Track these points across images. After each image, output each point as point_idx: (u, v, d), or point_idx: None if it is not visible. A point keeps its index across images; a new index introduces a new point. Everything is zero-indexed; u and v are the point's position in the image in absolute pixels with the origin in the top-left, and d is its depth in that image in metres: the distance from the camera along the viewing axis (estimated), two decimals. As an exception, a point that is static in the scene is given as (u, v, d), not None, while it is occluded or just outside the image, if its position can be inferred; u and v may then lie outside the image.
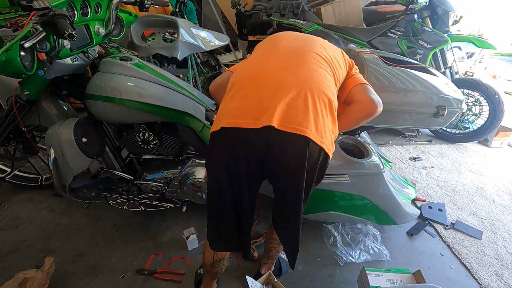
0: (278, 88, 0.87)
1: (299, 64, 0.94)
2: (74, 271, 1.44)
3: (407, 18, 2.74)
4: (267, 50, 1.04)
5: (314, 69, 0.94)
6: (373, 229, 1.68)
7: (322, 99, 0.89)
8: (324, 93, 0.90)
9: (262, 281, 1.33)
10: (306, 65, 0.94)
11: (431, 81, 1.39)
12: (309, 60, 0.96)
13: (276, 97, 0.86)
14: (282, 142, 0.83)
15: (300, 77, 0.90)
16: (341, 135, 1.57)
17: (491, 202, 2.09)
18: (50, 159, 1.33)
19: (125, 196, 1.59)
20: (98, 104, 1.31)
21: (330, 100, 0.90)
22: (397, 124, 1.43)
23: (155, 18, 2.33)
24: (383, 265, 1.56)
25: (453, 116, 1.43)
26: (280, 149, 0.84)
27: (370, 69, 1.34)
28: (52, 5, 1.00)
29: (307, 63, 0.95)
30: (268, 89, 0.88)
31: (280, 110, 0.84)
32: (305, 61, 0.96)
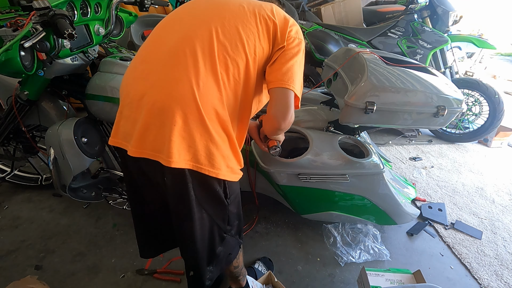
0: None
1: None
2: (74, 271, 1.44)
3: (407, 18, 2.74)
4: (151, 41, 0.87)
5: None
6: (373, 229, 1.68)
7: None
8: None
9: (262, 281, 1.34)
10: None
11: (431, 81, 1.39)
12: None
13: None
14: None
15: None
16: (341, 135, 1.57)
17: (491, 202, 2.09)
18: (50, 159, 1.33)
19: (125, 196, 1.59)
20: (98, 104, 1.32)
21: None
22: (397, 124, 1.43)
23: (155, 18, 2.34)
24: (383, 265, 1.56)
25: (453, 116, 1.43)
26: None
27: (370, 69, 1.34)
28: (52, 5, 1.00)
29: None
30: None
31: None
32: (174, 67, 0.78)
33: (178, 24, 0.85)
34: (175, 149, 0.73)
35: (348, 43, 2.80)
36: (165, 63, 0.78)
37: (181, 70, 0.76)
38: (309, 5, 3.47)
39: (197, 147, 0.76)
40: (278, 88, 0.85)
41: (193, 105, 0.74)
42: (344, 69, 1.50)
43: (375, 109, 1.30)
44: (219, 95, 0.78)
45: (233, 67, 0.80)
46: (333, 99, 1.70)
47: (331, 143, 1.47)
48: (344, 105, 1.36)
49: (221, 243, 0.97)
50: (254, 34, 0.83)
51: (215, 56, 0.78)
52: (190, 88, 0.74)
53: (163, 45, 0.81)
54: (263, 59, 0.87)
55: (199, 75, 0.75)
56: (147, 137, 0.76)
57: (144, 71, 0.81)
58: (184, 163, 0.75)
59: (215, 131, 0.78)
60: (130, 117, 0.80)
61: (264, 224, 1.77)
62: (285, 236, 1.70)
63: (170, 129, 0.73)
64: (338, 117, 1.45)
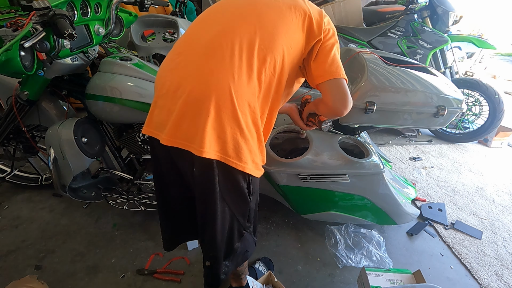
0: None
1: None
2: (74, 271, 1.44)
3: (407, 18, 2.75)
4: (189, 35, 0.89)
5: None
6: (377, 235, 1.66)
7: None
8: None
9: (262, 281, 1.34)
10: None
11: (431, 81, 1.39)
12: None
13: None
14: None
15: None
16: (341, 135, 1.57)
17: (491, 202, 2.09)
18: (50, 159, 1.33)
19: (125, 196, 1.59)
20: (98, 104, 1.31)
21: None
22: (397, 124, 1.43)
23: (155, 18, 2.33)
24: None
25: (453, 116, 1.43)
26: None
27: (370, 69, 1.34)
28: (52, 5, 1.00)
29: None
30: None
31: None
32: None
33: (216, 19, 0.87)
34: (207, 139, 0.75)
35: (348, 43, 2.80)
36: (201, 55, 0.79)
37: (218, 62, 0.77)
38: (309, 5, 3.46)
39: (227, 139, 0.77)
40: (331, 80, 0.87)
41: (228, 97, 0.75)
42: (344, 69, 1.50)
43: (375, 109, 1.30)
44: (253, 89, 0.79)
45: (270, 61, 0.81)
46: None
47: (331, 143, 1.47)
48: (344, 105, 1.35)
49: (240, 239, 0.98)
50: (291, 29, 0.84)
51: (251, 50, 0.79)
52: (225, 80, 0.75)
53: (200, 39, 0.83)
54: (298, 53, 0.88)
55: (234, 68, 0.76)
56: (181, 126, 0.77)
57: (180, 63, 0.82)
58: (214, 154, 0.77)
59: (246, 125, 0.79)
60: (164, 107, 0.81)
61: (264, 224, 1.77)
62: (285, 236, 1.70)
63: (204, 120, 0.74)
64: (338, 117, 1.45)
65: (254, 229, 1.06)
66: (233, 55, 0.77)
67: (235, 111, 0.76)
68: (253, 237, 1.06)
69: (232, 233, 0.95)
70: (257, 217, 1.05)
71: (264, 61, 0.80)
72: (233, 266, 1.03)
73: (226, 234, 0.93)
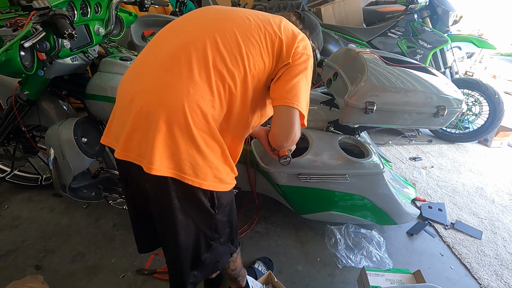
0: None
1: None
2: (74, 271, 1.44)
3: (407, 18, 2.75)
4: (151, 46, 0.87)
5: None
6: (377, 235, 1.66)
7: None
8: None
9: (262, 281, 1.34)
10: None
11: (431, 81, 1.39)
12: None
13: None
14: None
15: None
16: (341, 135, 1.57)
17: (491, 202, 2.09)
18: (50, 159, 1.33)
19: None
20: (98, 104, 1.32)
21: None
22: (397, 124, 1.43)
23: (155, 18, 2.33)
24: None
25: (453, 116, 1.43)
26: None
27: (370, 69, 1.34)
28: (52, 5, 1.00)
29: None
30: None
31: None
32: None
33: (180, 30, 0.85)
34: (157, 155, 0.72)
35: (348, 43, 2.81)
36: (159, 68, 0.77)
37: (174, 76, 0.74)
38: (309, 5, 3.47)
39: (181, 156, 0.74)
40: (282, 106, 0.83)
41: (180, 112, 0.72)
42: (344, 69, 1.50)
43: (375, 109, 1.30)
44: (211, 104, 0.76)
45: (229, 78, 0.78)
46: (333, 99, 1.70)
47: (331, 143, 1.47)
48: (344, 105, 1.36)
49: (208, 250, 0.93)
50: (256, 48, 0.81)
51: (209, 65, 0.76)
52: (179, 95, 0.72)
53: (161, 50, 0.81)
54: (264, 74, 0.85)
55: (191, 82, 0.74)
56: (133, 141, 0.76)
57: (138, 74, 0.81)
58: (166, 171, 0.74)
59: (203, 141, 0.75)
60: (120, 118, 0.80)
61: (264, 224, 1.77)
62: (285, 236, 1.70)
63: (154, 135, 0.72)
64: (338, 117, 1.45)
65: (231, 239, 1.01)
66: (191, 70, 0.75)
67: (189, 127, 0.72)
68: (230, 247, 1.02)
69: (198, 245, 0.90)
70: (234, 228, 1.01)
71: (222, 78, 0.77)
72: (202, 277, 0.99)
73: (191, 246, 0.89)
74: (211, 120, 0.76)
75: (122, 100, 0.81)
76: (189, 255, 0.90)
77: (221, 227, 0.94)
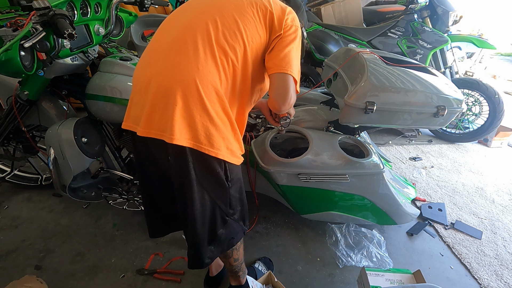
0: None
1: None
2: (74, 271, 1.44)
3: (407, 18, 2.74)
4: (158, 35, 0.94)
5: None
6: (377, 234, 1.66)
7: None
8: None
9: (262, 281, 1.34)
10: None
11: (431, 81, 1.39)
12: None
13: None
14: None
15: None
16: (341, 135, 1.57)
17: (491, 202, 2.09)
18: (50, 159, 1.33)
19: (125, 196, 1.59)
20: (98, 104, 1.31)
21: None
22: (397, 124, 1.43)
23: (155, 18, 2.33)
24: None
25: (453, 116, 1.43)
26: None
27: (370, 69, 1.34)
28: (52, 5, 1.00)
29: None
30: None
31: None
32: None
33: (181, 17, 0.92)
34: (176, 127, 0.79)
35: (348, 43, 2.80)
36: (168, 50, 0.84)
37: (182, 56, 0.82)
38: (309, 5, 3.47)
39: (197, 127, 0.81)
40: (277, 74, 0.91)
41: (193, 87, 0.79)
42: (344, 69, 1.50)
43: (375, 109, 1.30)
44: (219, 78, 0.83)
45: (231, 53, 0.85)
46: (333, 99, 1.70)
47: (331, 143, 1.47)
48: (344, 105, 1.36)
49: (223, 226, 1.00)
50: (251, 23, 0.89)
51: (213, 42, 0.83)
52: (190, 72, 0.80)
53: (167, 36, 0.88)
54: (261, 47, 0.92)
55: (198, 60, 0.81)
56: (153, 118, 0.82)
57: (151, 59, 0.88)
58: (185, 141, 0.81)
59: (215, 113, 0.83)
60: (139, 102, 0.87)
61: (264, 224, 1.77)
62: (285, 236, 1.70)
63: (172, 109, 0.79)
64: (338, 117, 1.45)
65: (242, 218, 1.07)
66: (197, 49, 0.82)
67: (202, 100, 0.80)
68: (241, 225, 1.08)
69: (214, 219, 0.97)
70: (245, 207, 1.07)
71: (225, 53, 0.85)
72: (218, 252, 1.05)
73: (208, 220, 0.96)
74: (221, 92, 0.84)
75: (139, 85, 0.87)
76: (206, 229, 0.97)
77: (235, 202, 1.00)
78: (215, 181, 0.92)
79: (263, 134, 1.55)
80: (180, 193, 0.92)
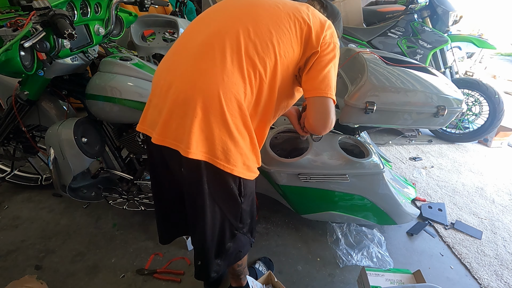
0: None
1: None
2: (74, 271, 1.44)
3: (407, 18, 2.75)
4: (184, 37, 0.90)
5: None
6: (378, 233, 1.67)
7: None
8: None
9: (262, 281, 1.33)
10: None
11: (431, 81, 1.39)
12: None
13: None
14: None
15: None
16: (341, 135, 1.57)
17: (491, 202, 2.09)
18: (50, 159, 1.33)
19: (125, 196, 1.59)
20: (98, 104, 1.31)
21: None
22: (397, 124, 1.43)
23: (155, 18, 2.33)
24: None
25: (453, 116, 1.43)
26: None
27: (370, 69, 1.34)
28: (52, 5, 1.00)
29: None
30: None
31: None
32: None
33: (212, 20, 0.87)
34: (193, 140, 0.75)
35: (348, 43, 2.80)
36: (193, 55, 0.80)
37: (208, 63, 0.77)
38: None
39: (215, 141, 0.77)
40: (316, 98, 0.86)
41: (216, 99, 0.74)
42: (344, 69, 1.50)
43: (375, 109, 1.30)
44: (243, 91, 0.79)
45: (260, 66, 0.80)
46: (333, 99, 1.70)
47: (331, 143, 1.47)
48: (344, 105, 1.36)
49: (232, 240, 0.98)
50: (286, 36, 0.83)
51: (242, 52, 0.78)
52: (214, 82, 0.75)
53: (194, 39, 0.83)
54: (293, 62, 0.87)
55: (225, 70, 0.76)
56: (170, 126, 0.79)
57: (174, 62, 0.83)
58: (201, 155, 0.77)
59: (236, 127, 0.78)
60: (157, 106, 0.83)
61: (264, 224, 1.77)
62: (285, 236, 1.70)
63: (191, 120, 0.75)
64: (338, 117, 1.45)
65: (250, 230, 1.06)
66: (224, 57, 0.77)
67: (224, 113, 0.75)
68: (249, 238, 1.06)
69: (223, 233, 0.95)
70: (254, 219, 1.05)
71: (254, 65, 0.79)
72: (225, 266, 1.04)
73: (217, 234, 0.94)
74: (244, 106, 0.79)
75: (159, 88, 0.83)
76: (214, 242, 0.95)
77: (245, 216, 0.98)
78: (228, 196, 0.89)
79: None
80: (191, 204, 0.90)
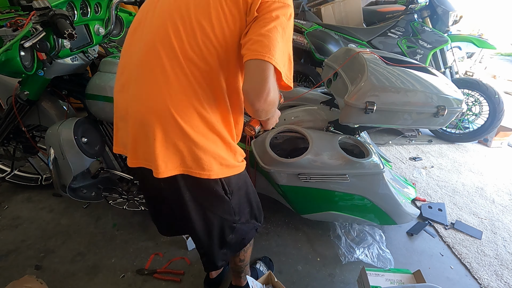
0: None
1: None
2: (74, 271, 1.44)
3: (407, 18, 2.74)
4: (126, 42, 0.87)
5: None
6: (379, 231, 1.68)
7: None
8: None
9: (262, 281, 1.33)
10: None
11: (431, 81, 1.39)
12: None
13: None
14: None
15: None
16: (341, 135, 1.57)
17: (491, 202, 2.09)
18: (50, 159, 1.33)
19: (125, 196, 1.59)
20: (98, 104, 1.31)
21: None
22: (397, 124, 1.43)
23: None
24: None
25: (453, 116, 1.43)
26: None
27: (370, 69, 1.34)
28: (52, 5, 1.00)
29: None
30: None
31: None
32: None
33: (143, 27, 0.81)
34: (160, 160, 0.76)
35: (348, 43, 2.80)
36: (136, 76, 0.79)
37: (151, 84, 0.75)
38: (309, 5, 3.47)
39: (183, 153, 0.77)
40: (251, 60, 0.69)
41: (168, 116, 0.74)
42: (344, 69, 1.50)
43: (375, 109, 1.30)
44: (195, 97, 0.74)
45: (202, 62, 0.73)
46: (333, 99, 1.70)
47: (331, 143, 1.47)
48: (344, 105, 1.36)
49: (232, 232, 1.00)
50: (220, 19, 0.72)
51: (179, 57, 0.73)
52: (162, 100, 0.74)
53: (133, 55, 0.81)
54: (237, 39, 0.75)
55: (169, 84, 0.73)
56: (139, 149, 0.81)
57: (123, 84, 0.83)
58: (173, 170, 0.78)
59: (200, 135, 0.76)
60: (123, 128, 0.86)
61: (264, 224, 1.77)
62: (285, 236, 1.70)
63: (153, 142, 0.76)
64: (338, 117, 1.45)
65: (253, 216, 1.06)
66: (165, 71, 0.73)
67: (181, 127, 0.74)
68: (253, 223, 1.07)
69: (222, 231, 0.97)
70: (254, 204, 1.05)
71: (196, 65, 0.74)
72: (232, 253, 1.07)
73: (216, 233, 0.96)
74: (203, 111, 0.76)
75: (118, 111, 0.86)
76: (213, 241, 0.98)
77: (240, 208, 0.98)
78: (214, 199, 0.89)
79: (263, 134, 1.55)
80: (179, 213, 0.92)
